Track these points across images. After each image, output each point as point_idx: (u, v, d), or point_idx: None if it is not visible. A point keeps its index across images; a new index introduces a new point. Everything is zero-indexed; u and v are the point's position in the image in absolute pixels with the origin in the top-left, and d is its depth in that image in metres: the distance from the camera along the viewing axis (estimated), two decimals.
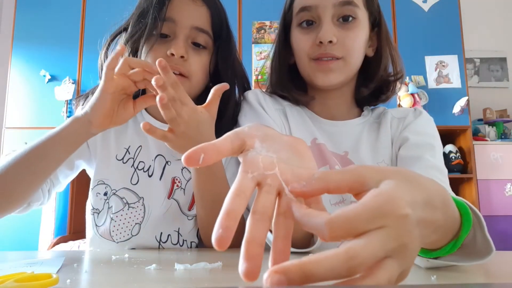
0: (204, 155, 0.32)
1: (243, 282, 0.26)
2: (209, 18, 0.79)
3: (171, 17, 0.75)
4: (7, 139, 2.68)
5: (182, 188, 0.81)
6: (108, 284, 0.42)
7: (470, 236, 0.42)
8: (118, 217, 0.79)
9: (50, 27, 2.74)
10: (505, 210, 2.63)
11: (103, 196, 0.80)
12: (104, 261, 0.56)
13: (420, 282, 0.41)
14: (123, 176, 0.80)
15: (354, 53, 0.76)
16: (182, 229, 0.80)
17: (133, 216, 0.79)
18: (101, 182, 0.80)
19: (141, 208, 0.79)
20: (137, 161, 0.82)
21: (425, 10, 2.80)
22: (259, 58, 2.73)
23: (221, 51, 0.81)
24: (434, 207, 0.32)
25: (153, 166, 0.81)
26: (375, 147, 0.78)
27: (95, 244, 0.80)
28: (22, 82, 2.74)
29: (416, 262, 0.47)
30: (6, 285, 0.35)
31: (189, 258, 0.61)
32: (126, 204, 0.79)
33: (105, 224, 0.79)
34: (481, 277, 0.47)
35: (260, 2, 2.78)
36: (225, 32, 0.81)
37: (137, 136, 0.83)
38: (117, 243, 0.78)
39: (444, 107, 2.69)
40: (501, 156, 2.69)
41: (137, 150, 0.82)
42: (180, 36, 0.75)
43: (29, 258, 0.55)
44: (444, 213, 0.34)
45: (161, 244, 0.79)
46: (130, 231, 0.78)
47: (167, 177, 0.81)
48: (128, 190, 0.80)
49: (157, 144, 0.82)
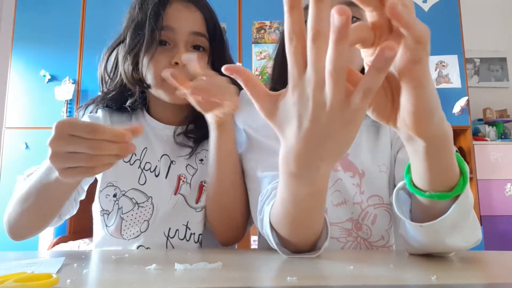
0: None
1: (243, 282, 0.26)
2: (204, 21, 0.81)
3: (169, 26, 0.77)
4: (7, 139, 2.68)
5: (188, 183, 0.83)
6: (108, 284, 0.42)
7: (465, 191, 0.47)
8: (129, 217, 0.81)
9: (50, 27, 2.74)
10: (505, 210, 2.63)
11: (112, 198, 0.82)
12: (104, 261, 0.56)
13: (420, 282, 0.41)
14: (131, 178, 0.83)
15: (359, 52, 0.75)
16: (190, 222, 0.81)
17: (142, 215, 0.81)
18: (110, 184, 0.82)
19: (150, 206, 0.82)
20: (144, 162, 0.84)
21: (425, 10, 2.80)
22: (259, 58, 2.73)
23: (216, 51, 0.83)
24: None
25: (159, 166, 0.84)
26: (374, 151, 0.78)
27: (105, 244, 0.82)
28: (22, 82, 2.74)
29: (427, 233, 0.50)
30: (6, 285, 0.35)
31: (189, 258, 0.61)
32: (136, 204, 0.81)
33: (115, 224, 0.81)
34: (481, 277, 0.47)
35: (260, 2, 2.78)
36: (218, 34, 0.84)
37: (142, 138, 0.85)
38: (128, 240, 0.80)
39: (444, 107, 2.63)
40: (501, 156, 2.69)
41: (143, 151, 0.85)
42: (180, 43, 0.78)
43: (29, 258, 0.55)
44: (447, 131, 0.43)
45: (168, 240, 0.80)
46: (139, 228, 0.80)
47: (173, 175, 0.83)
48: (136, 190, 0.82)
49: (162, 145, 0.85)
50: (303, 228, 0.54)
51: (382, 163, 0.77)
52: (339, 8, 0.29)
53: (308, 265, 0.51)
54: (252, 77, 0.39)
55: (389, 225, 0.76)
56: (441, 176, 0.46)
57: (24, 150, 2.64)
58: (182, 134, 0.85)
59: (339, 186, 0.75)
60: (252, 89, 0.39)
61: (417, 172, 0.47)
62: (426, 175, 0.46)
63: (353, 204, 0.75)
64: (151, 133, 0.86)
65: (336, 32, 0.30)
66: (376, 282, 0.42)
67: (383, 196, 0.76)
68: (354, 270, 0.47)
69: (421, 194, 0.48)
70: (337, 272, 0.49)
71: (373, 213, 0.75)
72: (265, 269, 0.52)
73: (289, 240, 0.56)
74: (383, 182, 0.76)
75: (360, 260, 0.59)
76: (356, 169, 0.77)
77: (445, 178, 0.46)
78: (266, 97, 0.39)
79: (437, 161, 0.44)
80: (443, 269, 0.47)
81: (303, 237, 0.56)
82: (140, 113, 0.88)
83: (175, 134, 0.85)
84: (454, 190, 0.46)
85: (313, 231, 0.55)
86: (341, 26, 0.30)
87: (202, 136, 0.84)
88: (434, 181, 0.46)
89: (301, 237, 0.56)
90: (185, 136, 0.85)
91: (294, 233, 0.55)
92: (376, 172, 0.76)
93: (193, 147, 0.84)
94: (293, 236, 0.56)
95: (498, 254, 0.63)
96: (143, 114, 0.88)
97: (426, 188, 0.47)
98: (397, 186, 0.54)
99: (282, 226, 0.55)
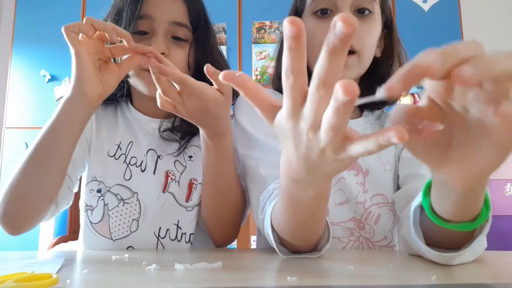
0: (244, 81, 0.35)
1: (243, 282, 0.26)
2: (186, 11, 0.78)
3: (148, 14, 0.75)
4: (7, 139, 2.67)
5: (177, 180, 0.81)
6: (108, 284, 0.42)
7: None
8: (115, 214, 0.79)
9: (50, 27, 2.74)
10: (505, 210, 2.63)
11: (96, 193, 0.80)
12: (104, 261, 0.56)
13: (420, 282, 0.41)
14: (116, 173, 0.80)
15: (368, 48, 0.74)
16: (181, 221, 0.80)
17: (129, 212, 0.79)
18: (94, 178, 0.80)
19: (136, 203, 0.79)
20: (129, 156, 0.81)
21: (425, 10, 2.80)
22: (259, 58, 2.73)
23: (199, 41, 0.80)
24: None
25: (146, 161, 0.81)
26: None
27: (88, 241, 0.80)
28: (22, 82, 2.74)
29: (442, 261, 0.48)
30: (6, 285, 0.35)
31: (189, 258, 0.61)
32: (121, 200, 0.79)
33: (102, 222, 0.79)
34: (481, 277, 0.47)
35: (260, 2, 2.78)
36: (203, 24, 0.80)
37: (127, 132, 0.83)
38: (114, 240, 0.78)
39: None
40: None
41: (128, 145, 0.82)
42: (159, 32, 0.75)
43: (29, 258, 0.55)
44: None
45: (159, 240, 0.79)
46: (129, 227, 0.78)
47: (160, 171, 0.81)
48: (121, 186, 0.80)
49: (148, 139, 0.82)
50: (304, 230, 0.53)
51: (387, 161, 0.77)
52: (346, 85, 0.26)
53: (308, 265, 0.51)
54: (252, 88, 0.36)
55: (392, 225, 0.75)
56: (467, 210, 0.42)
57: (24, 150, 2.63)
58: (169, 129, 0.82)
59: (341, 185, 0.75)
60: (254, 100, 0.37)
61: (442, 205, 0.43)
62: (453, 210, 0.42)
63: (356, 203, 0.74)
64: (136, 127, 0.83)
65: (340, 103, 0.28)
66: (376, 282, 0.42)
67: (387, 195, 0.75)
68: (354, 270, 0.47)
69: (444, 224, 0.44)
70: (337, 272, 0.49)
71: (376, 213, 0.74)
72: (265, 269, 0.52)
73: (290, 242, 0.56)
74: (388, 181, 0.76)
75: (361, 260, 0.59)
76: (360, 168, 0.76)
77: (470, 211, 0.42)
78: (270, 108, 0.37)
79: (468, 202, 0.41)
80: (443, 269, 0.47)
81: (304, 239, 0.55)
82: (125, 105, 0.86)
83: (161, 128, 0.82)
84: (477, 220, 0.43)
85: (314, 233, 0.55)
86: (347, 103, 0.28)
87: (190, 131, 0.81)
88: (460, 215, 0.43)
89: (302, 239, 0.55)
90: (172, 132, 0.82)
91: (296, 235, 0.55)
92: (381, 170, 0.76)
93: (180, 142, 0.81)
94: (294, 238, 0.55)
95: (498, 254, 0.63)
96: (128, 107, 0.85)
97: (448, 218, 0.43)
98: (413, 206, 0.50)
99: (283, 227, 0.54)
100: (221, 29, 2.63)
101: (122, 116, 0.85)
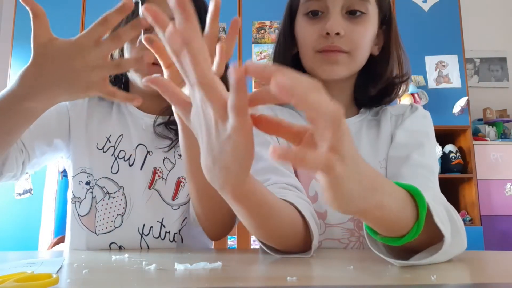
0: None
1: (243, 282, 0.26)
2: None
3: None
4: None
5: (164, 178, 0.81)
6: (108, 284, 0.42)
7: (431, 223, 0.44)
8: (100, 207, 0.79)
9: (50, 27, 2.73)
10: (505, 210, 2.63)
11: (85, 185, 0.80)
12: (104, 261, 0.56)
13: (420, 282, 0.41)
14: (104, 165, 0.80)
15: (361, 49, 0.73)
16: (166, 219, 0.79)
17: (114, 207, 0.79)
18: (83, 170, 0.80)
19: (122, 198, 0.79)
20: (118, 149, 0.81)
21: (425, 10, 2.80)
22: (259, 58, 2.73)
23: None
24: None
25: (134, 156, 0.81)
26: (375, 146, 0.77)
27: (74, 233, 0.80)
28: None
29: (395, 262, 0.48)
30: (6, 285, 0.35)
31: (189, 258, 0.61)
32: (106, 193, 0.79)
33: (89, 214, 0.79)
34: (481, 277, 0.47)
35: (260, 2, 2.78)
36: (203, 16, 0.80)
37: (119, 125, 0.83)
38: (97, 235, 0.78)
39: (444, 107, 2.69)
40: (501, 156, 2.69)
41: (118, 138, 0.82)
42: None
43: (29, 258, 0.55)
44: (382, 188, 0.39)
45: (143, 237, 0.78)
46: (113, 222, 0.78)
47: (148, 167, 0.81)
48: (108, 179, 0.80)
49: (139, 134, 0.82)
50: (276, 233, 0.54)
51: (383, 158, 0.76)
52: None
53: (308, 265, 0.51)
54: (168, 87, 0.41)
55: None
56: (386, 230, 0.44)
57: None
58: (163, 125, 0.81)
59: None
60: (170, 98, 0.41)
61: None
62: (373, 226, 0.45)
63: None
64: (129, 120, 0.83)
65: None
66: (376, 282, 0.42)
67: None
68: (354, 270, 0.47)
69: (374, 236, 0.46)
70: (337, 272, 0.49)
71: None
72: (265, 269, 0.52)
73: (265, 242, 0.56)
74: None
75: (360, 260, 0.59)
76: None
77: (392, 230, 0.44)
78: (184, 104, 0.41)
79: (379, 224, 0.43)
80: (443, 269, 0.47)
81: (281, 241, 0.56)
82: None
83: (155, 124, 0.81)
84: (404, 238, 0.44)
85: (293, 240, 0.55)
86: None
87: None
88: (383, 231, 0.45)
89: (266, 234, 0.55)
90: (166, 127, 0.81)
91: (258, 232, 0.54)
92: (377, 168, 0.75)
93: (173, 139, 0.81)
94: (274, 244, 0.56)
95: (498, 254, 0.63)
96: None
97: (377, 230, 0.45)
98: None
99: (249, 230, 0.54)
100: (221, 29, 2.63)
101: (117, 109, 0.85)
